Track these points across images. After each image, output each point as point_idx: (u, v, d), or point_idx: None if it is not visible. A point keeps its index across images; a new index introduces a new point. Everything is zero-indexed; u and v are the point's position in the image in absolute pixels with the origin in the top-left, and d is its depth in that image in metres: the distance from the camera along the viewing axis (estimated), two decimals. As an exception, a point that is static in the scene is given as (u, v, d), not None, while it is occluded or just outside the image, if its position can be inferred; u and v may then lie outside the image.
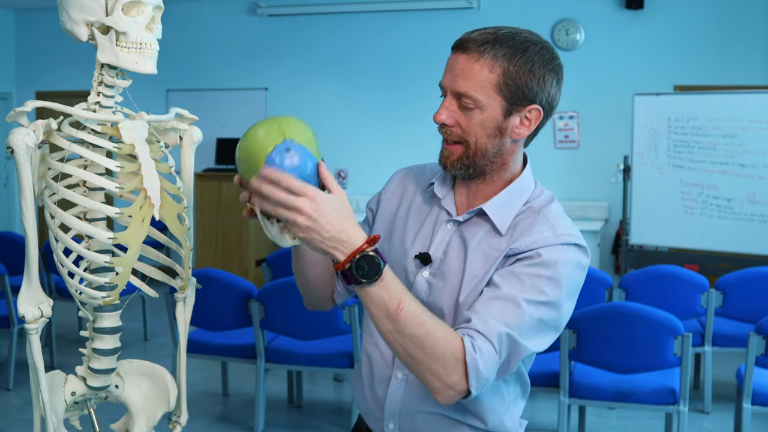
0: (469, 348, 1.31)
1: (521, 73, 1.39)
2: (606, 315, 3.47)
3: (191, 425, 4.18)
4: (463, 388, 1.32)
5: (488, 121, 1.41)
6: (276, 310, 3.96)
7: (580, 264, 1.43)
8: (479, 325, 1.34)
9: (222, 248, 7.76)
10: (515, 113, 1.42)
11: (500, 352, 1.33)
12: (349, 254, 1.28)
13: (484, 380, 1.33)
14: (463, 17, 7.63)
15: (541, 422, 4.39)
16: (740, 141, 5.76)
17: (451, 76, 1.42)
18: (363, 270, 1.28)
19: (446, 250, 1.48)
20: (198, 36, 8.43)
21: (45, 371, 1.61)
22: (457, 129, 1.43)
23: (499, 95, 1.40)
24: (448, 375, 1.31)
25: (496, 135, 1.43)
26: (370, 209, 1.64)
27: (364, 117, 8.00)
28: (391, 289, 1.30)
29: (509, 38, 1.40)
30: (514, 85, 1.40)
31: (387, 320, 1.30)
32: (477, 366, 1.31)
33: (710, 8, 7.11)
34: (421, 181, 1.59)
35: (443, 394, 1.33)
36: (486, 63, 1.39)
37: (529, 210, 1.47)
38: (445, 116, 1.43)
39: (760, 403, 3.50)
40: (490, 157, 1.44)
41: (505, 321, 1.34)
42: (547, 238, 1.40)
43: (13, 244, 5.37)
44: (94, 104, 1.61)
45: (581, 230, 1.56)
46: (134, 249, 1.56)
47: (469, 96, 1.40)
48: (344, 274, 1.30)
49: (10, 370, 4.82)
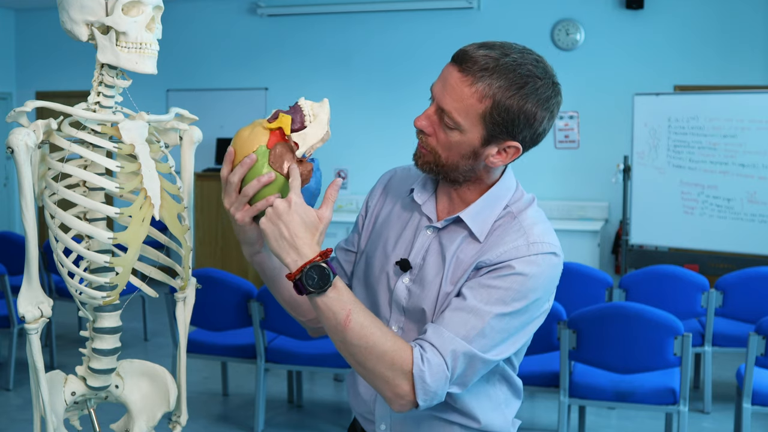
0: (417, 360, 1.33)
1: (511, 109, 1.35)
2: (606, 315, 3.47)
3: (191, 425, 4.18)
4: (411, 399, 1.34)
5: (465, 144, 1.39)
6: (276, 310, 3.96)
7: (552, 274, 1.42)
8: (433, 337, 1.35)
9: (222, 248, 7.76)
10: (494, 144, 1.40)
11: (452, 367, 1.34)
12: (301, 264, 1.32)
13: (432, 393, 1.34)
14: (463, 17, 7.63)
15: (541, 422, 4.39)
16: (740, 141, 5.76)
17: (441, 87, 1.39)
18: (312, 280, 1.32)
19: (425, 256, 1.47)
20: (198, 36, 8.42)
21: (45, 371, 1.61)
22: (433, 139, 1.41)
23: (482, 125, 1.37)
24: (396, 385, 1.33)
25: (470, 157, 1.41)
26: (361, 216, 1.64)
27: (364, 117, 8.00)
28: (340, 300, 1.33)
29: (510, 69, 1.34)
30: (500, 119, 1.36)
31: (337, 330, 1.34)
32: (423, 378, 1.32)
33: (710, 8, 7.11)
34: (405, 186, 1.57)
35: (395, 403, 1.36)
36: (477, 91, 1.34)
37: (508, 215, 1.45)
38: (425, 123, 1.41)
39: (760, 403, 3.50)
40: (461, 172, 1.44)
41: (464, 334, 1.34)
42: (520, 248, 1.39)
43: (13, 244, 5.37)
44: (94, 104, 1.60)
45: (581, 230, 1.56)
46: (134, 249, 1.56)
47: (452, 117, 1.37)
48: (295, 284, 1.34)
49: (10, 370, 4.82)
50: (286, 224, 1.33)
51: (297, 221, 1.33)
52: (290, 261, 1.33)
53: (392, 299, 1.49)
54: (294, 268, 1.33)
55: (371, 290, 1.53)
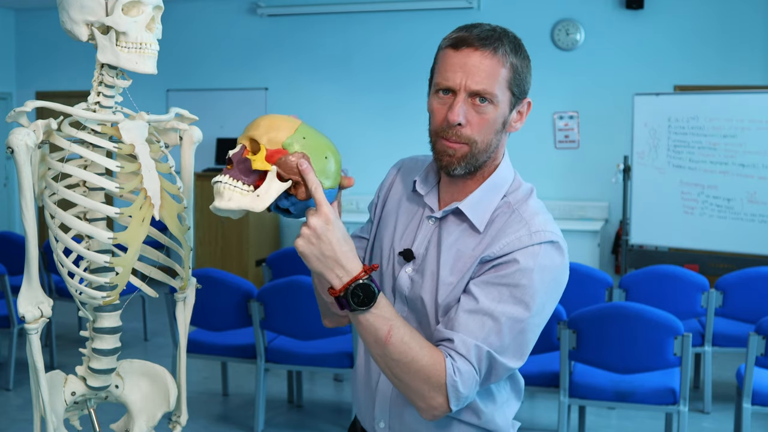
0: (450, 371, 1.35)
1: (523, 68, 1.43)
2: (606, 315, 3.47)
3: (191, 425, 4.18)
4: (445, 409, 1.37)
5: (498, 117, 1.42)
6: (276, 310, 3.96)
7: (558, 266, 1.42)
8: (460, 346, 1.37)
9: (222, 248, 7.76)
10: (516, 106, 1.45)
11: (480, 370, 1.37)
12: (346, 281, 1.31)
13: (464, 398, 1.37)
14: (463, 17, 7.63)
15: (541, 422, 4.39)
16: (740, 141, 5.76)
17: (464, 74, 1.39)
18: (358, 298, 1.32)
19: (428, 246, 1.49)
20: (198, 36, 8.42)
21: (45, 371, 1.61)
22: (468, 129, 1.41)
23: (509, 90, 1.42)
24: (431, 398, 1.36)
25: (500, 130, 1.44)
26: (374, 204, 1.65)
27: (364, 117, 8.00)
28: (383, 316, 1.34)
29: (505, 34, 1.43)
30: (519, 79, 1.43)
31: (377, 345, 1.35)
32: (457, 387, 1.35)
33: (710, 8, 7.11)
34: (411, 177, 1.59)
35: (428, 413, 1.39)
36: (500, 59, 1.40)
37: (505, 205, 1.46)
38: (460, 115, 1.40)
39: (760, 403, 3.50)
40: (490, 152, 1.45)
41: (483, 338, 1.37)
42: (522, 238, 1.40)
43: (13, 244, 5.37)
44: (94, 104, 1.61)
45: (581, 230, 1.57)
46: (134, 249, 1.56)
47: (488, 93, 1.39)
48: (338, 300, 1.33)
49: (10, 370, 4.82)
50: (327, 242, 1.30)
51: (338, 237, 1.31)
52: (334, 278, 1.32)
53: (395, 288, 1.50)
54: (339, 285, 1.32)
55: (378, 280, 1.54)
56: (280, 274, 4.82)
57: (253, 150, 1.33)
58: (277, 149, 1.31)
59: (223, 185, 1.31)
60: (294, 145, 1.32)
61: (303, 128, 1.36)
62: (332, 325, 1.66)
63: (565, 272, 1.45)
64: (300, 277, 3.97)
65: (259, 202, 1.31)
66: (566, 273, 1.45)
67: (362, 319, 1.34)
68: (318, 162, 1.34)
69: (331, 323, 1.65)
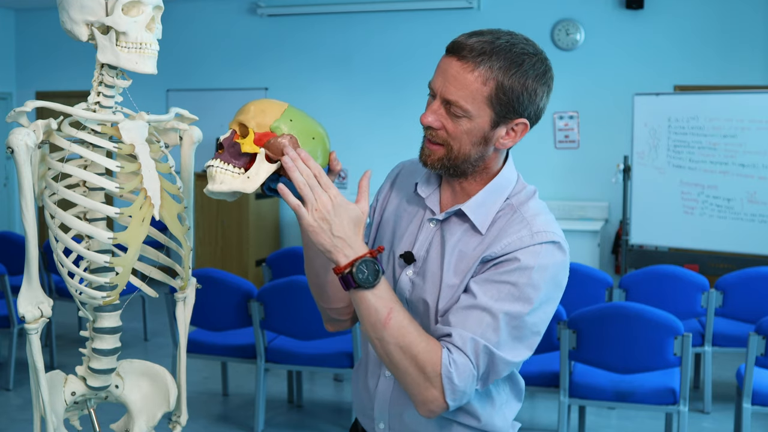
0: (445, 362, 1.35)
1: (514, 88, 1.38)
2: (606, 315, 3.47)
3: (191, 425, 4.18)
4: (441, 403, 1.36)
5: (475, 130, 1.41)
6: (276, 310, 3.96)
7: (559, 264, 1.42)
8: (457, 339, 1.37)
9: (222, 248, 7.75)
10: (503, 125, 1.42)
11: (477, 364, 1.36)
12: (352, 258, 1.33)
13: (461, 393, 1.36)
14: (463, 17, 7.63)
15: (541, 422, 4.39)
16: (740, 141, 5.76)
17: (443, 80, 1.40)
18: (363, 274, 1.34)
19: (428, 248, 1.49)
20: (198, 36, 8.42)
21: (45, 371, 1.61)
22: (443, 132, 1.42)
23: (489, 107, 1.39)
24: (426, 388, 1.36)
25: (480, 143, 1.43)
26: (372, 208, 1.65)
27: (364, 117, 8.00)
28: (384, 298, 1.36)
29: (506, 49, 1.37)
30: (506, 99, 1.39)
31: (376, 328, 1.36)
32: (451, 379, 1.34)
33: (710, 8, 7.11)
34: (411, 179, 1.59)
35: (424, 408, 1.38)
36: (480, 75, 1.37)
37: (508, 207, 1.47)
38: (432, 119, 1.42)
39: (760, 403, 3.50)
40: (472, 162, 1.45)
41: (481, 333, 1.36)
42: (523, 238, 1.40)
43: (13, 244, 5.37)
44: (94, 104, 1.61)
45: (581, 230, 1.57)
46: (134, 249, 1.56)
47: (459, 105, 1.39)
48: (344, 278, 1.35)
49: (10, 370, 4.82)
50: (334, 221, 1.34)
51: (345, 217, 1.35)
52: (341, 256, 1.34)
53: (396, 291, 1.50)
54: (344, 263, 1.34)
55: None
56: (280, 274, 4.82)
57: (242, 134, 1.39)
58: (265, 132, 1.38)
59: (215, 169, 1.38)
60: (281, 127, 1.39)
61: (290, 111, 1.41)
62: (334, 329, 1.66)
63: (565, 271, 1.45)
64: (300, 277, 3.97)
65: (249, 184, 1.37)
66: (567, 272, 1.45)
67: (364, 298, 1.35)
68: (305, 143, 1.40)
69: (333, 327, 1.66)
